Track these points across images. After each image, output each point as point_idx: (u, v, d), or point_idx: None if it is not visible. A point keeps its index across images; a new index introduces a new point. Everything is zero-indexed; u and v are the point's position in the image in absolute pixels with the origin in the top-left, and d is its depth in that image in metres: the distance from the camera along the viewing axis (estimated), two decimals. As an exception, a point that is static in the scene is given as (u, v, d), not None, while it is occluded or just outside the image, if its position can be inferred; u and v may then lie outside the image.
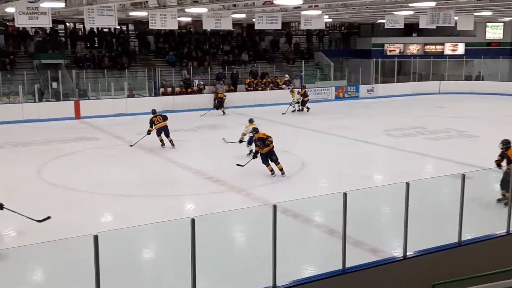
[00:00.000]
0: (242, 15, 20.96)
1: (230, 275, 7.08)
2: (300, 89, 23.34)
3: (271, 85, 26.59)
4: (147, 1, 17.09)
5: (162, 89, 24.64)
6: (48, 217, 9.30)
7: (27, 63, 24.51)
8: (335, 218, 8.15)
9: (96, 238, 4.94)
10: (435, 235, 8.14)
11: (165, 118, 15.83)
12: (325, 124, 19.85)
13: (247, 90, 26.23)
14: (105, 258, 5.22)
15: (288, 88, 25.63)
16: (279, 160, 12.24)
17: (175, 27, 18.39)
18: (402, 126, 19.18)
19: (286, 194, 10.79)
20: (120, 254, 7.01)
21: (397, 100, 27.13)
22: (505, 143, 9.94)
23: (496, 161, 10.03)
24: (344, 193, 6.36)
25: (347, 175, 12.41)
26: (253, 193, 11.26)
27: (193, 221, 5.44)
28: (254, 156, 12.40)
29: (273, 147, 12.26)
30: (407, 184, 6.84)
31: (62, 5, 13.92)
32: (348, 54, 33.06)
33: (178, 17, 18.25)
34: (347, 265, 6.46)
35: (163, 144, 15.84)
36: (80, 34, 28.35)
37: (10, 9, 16.53)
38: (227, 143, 14.83)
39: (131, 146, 15.94)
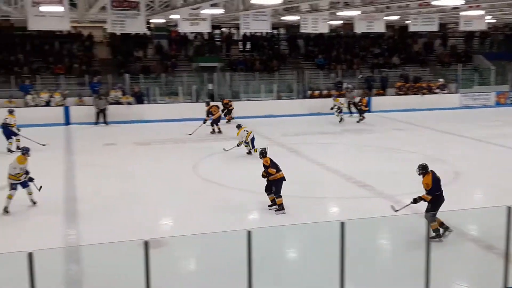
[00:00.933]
0: (396, 17, 20.36)
1: (378, 280, 6.87)
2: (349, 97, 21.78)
3: (424, 90, 25.39)
4: (299, 6, 17.39)
5: (310, 92, 24.86)
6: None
7: (186, 66, 26.35)
8: (494, 233, 7.54)
9: (249, 233, 5.10)
10: None
11: (218, 108, 18.81)
12: (483, 132, 18.42)
13: (397, 94, 25.39)
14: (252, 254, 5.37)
15: (443, 93, 24.32)
16: (280, 194, 10.23)
17: (326, 31, 18.49)
18: None
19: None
20: (268, 251, 7.16)
21: None
22: (421, 168, 8.49)
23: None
24: (508, 207, 5.84)
25: (508, 188, 11.37)
26: (401, 200, 10.79)
27: (342, 224, 5.38)
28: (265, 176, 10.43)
29: (276, 179, 10.20)
30: None
31: (221, 11, 14.72)
32: (512, 57, 30.39)
33: (329, 20, 18.30)
34: (509, 284, 5.92)
35: (213, 132, 18.51)
36: (234, 38, 29.77)
37: (174, 16, 17.94)
38: (227, 150, 15.15)
39: (190, 134, 17.83)
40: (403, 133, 19.04)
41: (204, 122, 18.32)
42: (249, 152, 15.17)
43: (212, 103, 19.11)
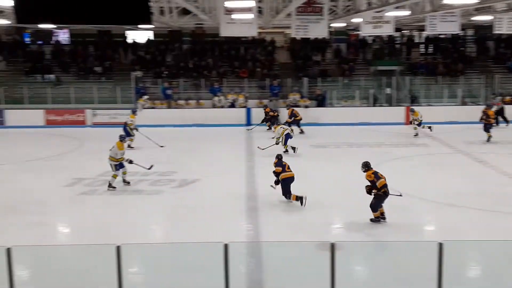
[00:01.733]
0: None
1: None
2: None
3: None
4: (491, 6, 16.06)
5: (499, 97, 22.82)
6: (152, 166, 12.80)
7: (364, 70, 26.06)
8: None
9: (440, 245, 4.83)
10: None
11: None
12: None
13: None
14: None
15: None
16: (288, 194, 10.90)
17: (524, 31, 16.81)
18: None
19: None
20: (453, 265, 6.70)
21: None
22: (364, 166, 9.86)
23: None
24: None
25: None
26: None
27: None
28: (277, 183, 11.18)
29: (284, 178, 10.92)
30: None
31: (407, 13, 14.24)
32: None
33: (528, 19, 16.60)
34: None
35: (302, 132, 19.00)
36: (415, 41, 28.66)
37: (355, 20, 17.85)
38: (263, 149, 14.94)
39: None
40: None
41: (288, 124, 18.36)
42: (286, 151, 15.47)
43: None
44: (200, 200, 11.40)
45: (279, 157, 11.39)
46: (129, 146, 16.17)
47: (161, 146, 16.90)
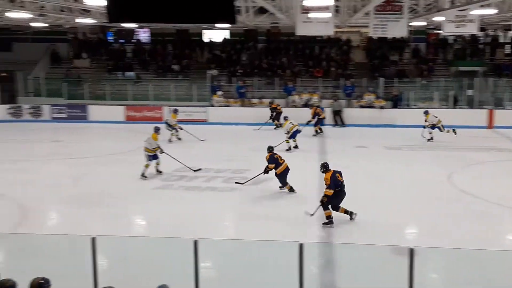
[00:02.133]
0: None
1: None
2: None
3: None
4: None
5: None
6: (200, 169, 13.30)
7: (444, 70, 25.12)
8: None
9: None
10: None
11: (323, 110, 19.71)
12: None
13: None
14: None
15: None
16: (285, 184, 11.56)
17: None
18: None
19: None
20: None
21: None
22: (322, 167, 9.73)
23: None
24: None
25: None
26: None
27: None
28: (265, 172, 11.59)
29: (280, 172, 11.41)
30: None
31: (493, 11, 13.58)
32: None
33: None
34: None
35: (316, 134, 18.95)
36: (500, 41, 27.27)
37: (436, 18, 17.26)
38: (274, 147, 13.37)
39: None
40: None
41: (307, 124, 18.47)
42: (289, 149, 15.90)
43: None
44: (272, 198, 11.45)
45: (270, 149, 11.62)
46: (169, 140, 17.35)
47: (202, 140, 17.68)
